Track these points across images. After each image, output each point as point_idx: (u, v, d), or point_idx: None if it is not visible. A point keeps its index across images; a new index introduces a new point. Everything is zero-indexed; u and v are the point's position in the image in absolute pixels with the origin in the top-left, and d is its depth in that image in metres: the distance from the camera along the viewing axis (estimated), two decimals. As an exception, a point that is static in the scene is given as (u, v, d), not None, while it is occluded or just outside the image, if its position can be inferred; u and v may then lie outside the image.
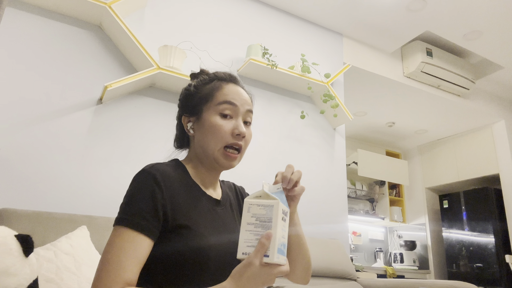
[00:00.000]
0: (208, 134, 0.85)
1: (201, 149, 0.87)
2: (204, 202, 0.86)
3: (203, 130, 0.86)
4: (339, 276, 2.30)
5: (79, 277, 1.28)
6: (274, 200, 0.70)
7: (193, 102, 0.90)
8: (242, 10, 2.84)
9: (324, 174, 2.79)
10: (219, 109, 0.86)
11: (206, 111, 0.87)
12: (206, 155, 0.86)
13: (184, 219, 0.78)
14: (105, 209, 1.91)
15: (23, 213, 1.57)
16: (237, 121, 0.86)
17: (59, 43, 2.08)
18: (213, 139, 0.84)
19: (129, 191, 0.77)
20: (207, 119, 0.86)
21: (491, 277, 3.98)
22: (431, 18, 3.09)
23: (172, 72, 2.13)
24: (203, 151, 0.87)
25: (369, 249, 4.85)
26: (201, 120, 0.87)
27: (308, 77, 2.69)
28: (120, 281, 0.68)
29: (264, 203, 0.70)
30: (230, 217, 0.91)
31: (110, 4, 2.07)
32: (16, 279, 0.95)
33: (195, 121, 0.89)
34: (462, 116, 4.23)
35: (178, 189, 0.81)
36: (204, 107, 0.88)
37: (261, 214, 0.69)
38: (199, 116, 0.88)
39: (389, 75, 3.49)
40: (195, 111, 0.89)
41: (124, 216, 0.73)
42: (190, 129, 0.90)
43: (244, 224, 0.69)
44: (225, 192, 0.96)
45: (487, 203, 4.26)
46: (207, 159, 0.86)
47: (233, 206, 0.96)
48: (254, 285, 0.65)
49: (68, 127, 1.98)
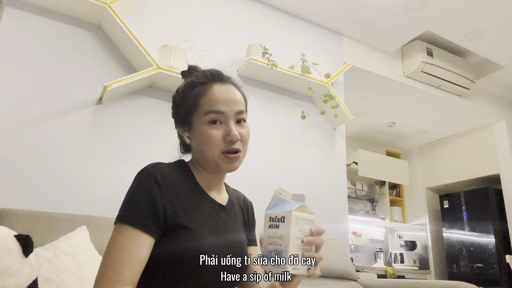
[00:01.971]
0: (201, 144, 0.83)
1: (200, 155, 0.86)
2: (206, 204, 0.85)
3: (197, 140, 0.84)
4: (339, 276, 2.30)
5: (78, 277, 1.27)
6: (313, 215, 0.70)
7: (181, 112, 0.88)
8: (242, 10, 2.83)
9: (324, 174, 2.79)
10: (207, 118, 0.82)
11: (195, 120, 0.85)
12: (207, 161, 0.85)
13: (183, 220, 0.77)
14: (105, 209, 1.90)
15: (22, 213, 1.56)
16: (228, 126, 0.82)
17: (58, 43, 2.07)
18: (208, 148, 0.82)
19: (130, 189, 0.77)
20: (197, 129, 0.84)
21: (492, 277, 3.97)
22: (431, 18, 3.08)
23: (172, 72, 2.13)
24: (203, 158, 0.86)
25: (369, 249, 4.84)
26: (193, 130, 0.85)
27: (308, 77, 2.69)
28: (122, 279, 0.67)
29: (308, 218, 0.69)
30: (233, 223, 0.90)
31: (110, 3, 2.07)
32: (16, 279, 0.95)
33: (188, 130, 0.88)
34: (463, 116, 4.22)
35: (179, 189, 0.80)
36: (193, 116, 0.85)
37: (305, 229, 0.69)
38: (190, 126, 0.86)
39: (389, 75, 3.49)
40: (186, 122, 0.88)
41: (124, 214, 0.73)
42: (186, 138, 0.89)
43: (292, 239, 0.67)
44: (231, 200, 0.94)
45: (487, 203, 4.26)
46: (209, 164, 0.85)
47: (237, 215, 0.95)
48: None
49: (68, 127, 1.98)
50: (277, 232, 0.68)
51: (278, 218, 0.69)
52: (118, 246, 0.70)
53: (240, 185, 1.13)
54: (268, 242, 0.69)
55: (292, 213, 0.67)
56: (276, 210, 0.70)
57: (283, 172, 2.58)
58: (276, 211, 0.70)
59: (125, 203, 0.76)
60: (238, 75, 2.66)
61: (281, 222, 0.68)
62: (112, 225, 0.75)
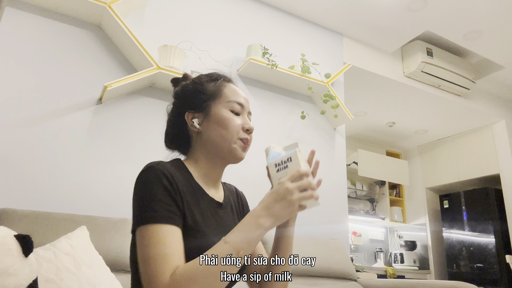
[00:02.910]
0: (221, 126, 0.86)
1: (213, 143, 0.87)
2: (206, 203, 0.86)
3: (214, 125, 0.87)
4: (339, 276, 2.29)
5: (78, 277, 1.27)
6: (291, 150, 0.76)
7: (199, 98, 0.90)
8: (242, 10, 2.83)
9: (324, 174, 2.79)
10: (229, 105, 0.88)
11: (214, 106, 0.89)
12: (221, 148, 0.87)
13: (189, 219, 0.78)
14: (105, 209, 1.90)
15: (22, 213, 1.56)
16: (245, 119, 0.90)
17: (58, 43, 2.07)
18: (227, 130, 0.86)
19: (140, 189, 0.76)
20: (218, 113, 0.88)
21: (492, 277, 3.97)
22: (431, 18, 3.08)
23: (172, 72, 2.13)
24: (216, 145, 0.87)
25: (369, 249, 4.84)
26: (211, 115, 0.88)
27: (308, 77, 2.69)
28: (171, 269, 0.67)
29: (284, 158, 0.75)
30: (231, 219, 0.92)
31: (110, 4, 2.07)
32: (16, 279, 0.95)
33: (202, 117, 0.89)
34: (463, 116, 4.22)
35: (183, 187, 0.81)
36: (212, 103, 0.89)
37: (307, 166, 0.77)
38: (208, 111, 0.88)
39: (389, 75, 3.49)
40: (202, 107, 0.89)
41: (148, 214, 0.72)
42: (195, 124, 0.89)
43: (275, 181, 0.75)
44: (227, 195, 0.96)
45: (487, 203, 4.26)
46: (221, 152, 0.87)
47: (234, 209, 0.96)
48: (282, 206, 0.69)
49: (68, 127, 1.98)
50: (287, 172, 0.74)
51: (284, 161, 0.75)
52: (155, 244, 0.69)
53: (240, 184, 1.13)
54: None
55: (297, 150, 0.75)
56: (278, 158, 0.76)
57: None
58: (280, 157, 0.76)
59: (144, 202, 0.74)
60: (238, 75, 2.66)
61: (288, 162, 0.74)
62: (112, 225, 0.75)
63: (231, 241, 0.69)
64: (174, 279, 0.66)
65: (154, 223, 0.71)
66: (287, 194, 0.70)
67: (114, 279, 1.41)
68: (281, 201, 0.70)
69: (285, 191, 0.70)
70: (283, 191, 0.70)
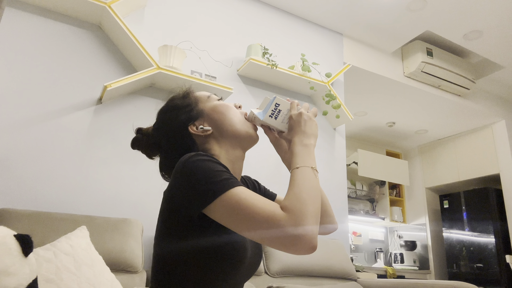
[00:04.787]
0: (223, 112, 0.89)
1: (227, 132, 0.88)
2: None
3: (217, 116, 0.89)
4: (339, 276, 2.30)
5: (79, 277, 1.27)
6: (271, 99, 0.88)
7: (190, 109, 0.91)
8: (242, 10, 2.83)
9: (324, 174, 2.79)
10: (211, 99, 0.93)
11: (204, 106, 0.91)
12: (237, 132, 0.88)
13: None
14: (105, 209, 1.90)
15: (22, 213, 1.56)
16: None
17: (58, 43, 2.07)
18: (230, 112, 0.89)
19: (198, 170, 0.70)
20: (212, 107, 0.90)
21: (492, 277, 3.97)
22: (431, 18, 3.08)
23: (172, 72, 2.13)
24: (230, 132, 0.88)
25: (370, 249, 4.84)
26: (208, 113, 0.90)
27: (308, 77, 2.69)
28: (276, 206, 0.65)
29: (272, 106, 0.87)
30: None
31: (110, 3, 2.07)
32: (16, 278, 0.95)
33: (203, 119, 0.90)
34: (463, 116, 4.22)
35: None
36: (200, 105, 0.92)
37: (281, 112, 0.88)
38: (203, 112, 0.90)
39: (389, 75, 3.49)
40: (198, 115, 0.90)
41: (217, 187, 0.68)
42: (206, 128, 0.88)
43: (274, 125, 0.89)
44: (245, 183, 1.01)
45: (487, 203, 4.26)
46: (239, 135, 0.88)
47: None
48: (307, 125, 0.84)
49: (68, 127, 1.98)
50: (283, 113, 0.88)
51: (273, 109, 0.88)
52: (246, 198, 0.66)
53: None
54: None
55: (276, 96, 0.89)
56: (267, 110, 0.88)
57: (282, 172, 2.58)
58: (269, 108, 0.88)
59: (209, 177, 0.69)
60: (238, 75, 2.66)
61: (278, 106, 0.88)
62: (112, 225, 0.74)
63: (301, 163, 0.77)
64: (287, 207, 0.65)
65: (231, 188, 0.68)
66: (303, 115, 0.85)
67: (114, 279, 1.41)
68: (304, 122, 0.84)
69: (299, 115, 0.85)
70: (298, 116, 0.85)
